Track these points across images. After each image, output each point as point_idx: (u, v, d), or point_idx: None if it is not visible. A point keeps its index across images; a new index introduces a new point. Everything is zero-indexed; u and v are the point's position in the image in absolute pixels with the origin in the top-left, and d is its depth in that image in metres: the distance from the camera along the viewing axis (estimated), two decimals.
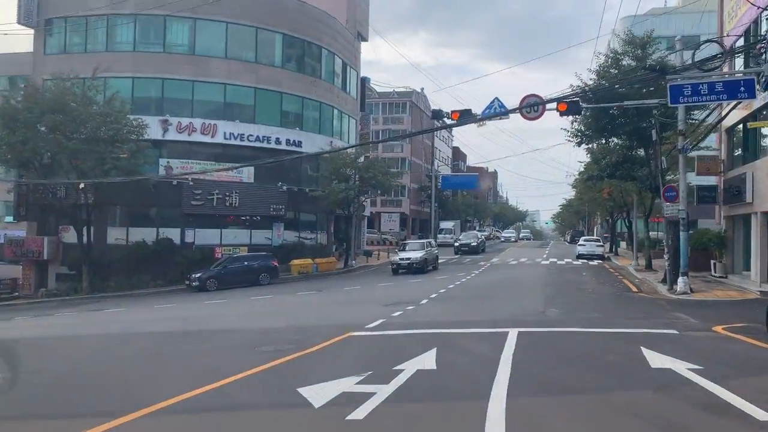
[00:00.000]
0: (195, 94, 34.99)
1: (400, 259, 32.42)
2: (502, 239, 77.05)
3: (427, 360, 9.50)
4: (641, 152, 26.53)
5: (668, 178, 25.50)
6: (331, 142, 37.80)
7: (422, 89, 70.16)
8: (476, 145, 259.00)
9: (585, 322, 13.68)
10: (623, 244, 52.54)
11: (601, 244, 43.99)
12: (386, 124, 65.82)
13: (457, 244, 50.07)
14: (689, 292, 19.75)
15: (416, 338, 11.97)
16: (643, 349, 9.96)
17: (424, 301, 19.04)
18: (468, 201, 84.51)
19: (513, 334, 11.77)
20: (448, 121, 21.28)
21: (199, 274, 29.46)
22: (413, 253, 32.68)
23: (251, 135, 35.67)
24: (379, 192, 43.73)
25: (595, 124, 22.58)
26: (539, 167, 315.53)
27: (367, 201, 46.59)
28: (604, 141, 24.70)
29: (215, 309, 21.10)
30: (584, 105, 21.32)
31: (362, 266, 39.46)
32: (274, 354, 10.48)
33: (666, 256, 21.29)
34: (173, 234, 33.56)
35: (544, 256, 46.02)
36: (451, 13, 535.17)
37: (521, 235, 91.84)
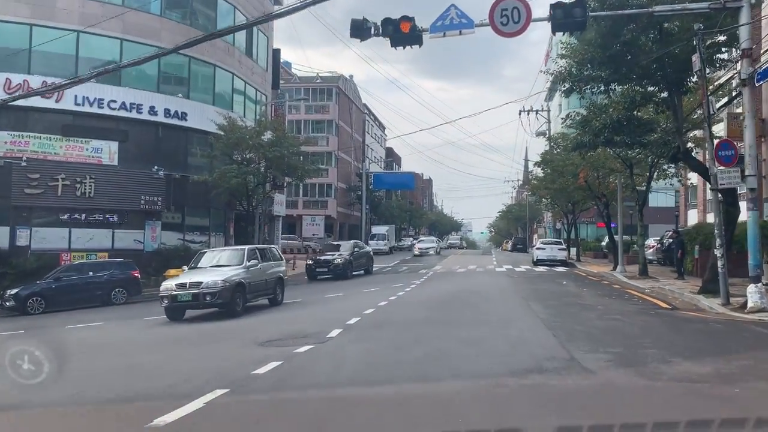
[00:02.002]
0: (33, 44, 25.47)
1: (178, 285, 14.83)
2: (417, 252, 48.77)
3: None
4: (651, 111, 18.99)
5: (691, 135, 18.00)
6: (230, 116, 28.80)
7: (351, 76, 61.85)
8: (411, 149, 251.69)
9: (729, 402, 5.45)
10: (573, 250, 45.53)
11: (564, 247, 37.24)
12: (309, 112, 56.85)
13: (310, 262, 28.61)
14: None
15: None
16: None
17: (334, 334, 10.52)
18: (403, 205, 76.43)
19: None
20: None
21: (16, 290, 20.02)
22: (214, 274, 15.09)
23: (114, 101, 26.45)
24: (292, 181, 34.61)
25: (601, 53, 14.81)
26: (476, 178, 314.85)
27: (282, 196, 37.71)
28: (602, 88, 16.98)
29: None
30: (592, 14, 13.52)
31: None
32: None
33: (718, 252, 13.57)
34: None
35: (495, 263, 38.77)
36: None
37: (449, 242, 79.68)
